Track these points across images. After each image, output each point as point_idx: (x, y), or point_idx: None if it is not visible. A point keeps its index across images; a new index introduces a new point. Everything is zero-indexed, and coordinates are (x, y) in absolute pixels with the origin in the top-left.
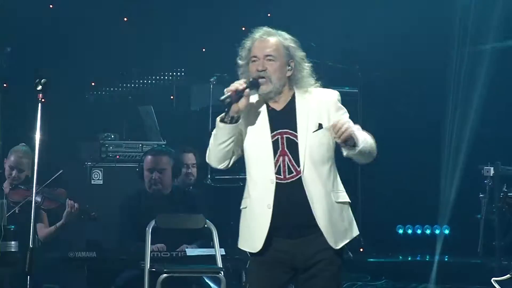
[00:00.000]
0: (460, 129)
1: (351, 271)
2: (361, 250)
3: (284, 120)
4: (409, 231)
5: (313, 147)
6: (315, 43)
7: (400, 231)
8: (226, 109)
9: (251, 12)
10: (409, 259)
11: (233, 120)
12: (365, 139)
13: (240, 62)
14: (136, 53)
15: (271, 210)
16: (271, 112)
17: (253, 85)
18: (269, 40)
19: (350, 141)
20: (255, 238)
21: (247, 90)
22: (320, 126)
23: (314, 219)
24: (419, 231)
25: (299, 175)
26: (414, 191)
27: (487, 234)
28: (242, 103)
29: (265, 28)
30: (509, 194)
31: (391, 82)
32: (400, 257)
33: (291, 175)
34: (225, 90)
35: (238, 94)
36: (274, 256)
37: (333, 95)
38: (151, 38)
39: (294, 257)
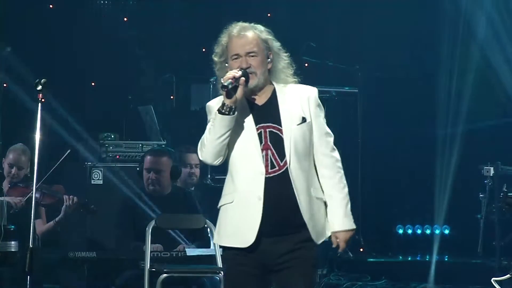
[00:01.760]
0: (460, 129)
1: (351, 271)
2: (361, 250)
3: (266, 114)
4: (409, 231)
5: (297, 140)
6: (315, 43)
7: (400, 231)
8: (227, 95)
9: (251, 12)
10: (409, 259)
11: (231, 111)
12: (346, 207)
13: (215, 59)
14: (136, 53)
15: (262, 201)
16: (252, 106)
17: (244, 75)
18: (248, 36)
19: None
20: (246, 232)
21: (242, 78)
22: (304, 120)
23: (300, 213)
24: (419, 231)
25: (282, 170)
26: (414, 191)
27: (487, 234)
28: (238, 92)
29: (240, 23)
30: (509, 194)
31: (391, 82)
32: (400, 257)
33: (273, 170)
34: (221, 79)
35: (236, 83)
36: (255, 258)
37: (314, 90)
38: (151, 38)
39: (269, 256)
